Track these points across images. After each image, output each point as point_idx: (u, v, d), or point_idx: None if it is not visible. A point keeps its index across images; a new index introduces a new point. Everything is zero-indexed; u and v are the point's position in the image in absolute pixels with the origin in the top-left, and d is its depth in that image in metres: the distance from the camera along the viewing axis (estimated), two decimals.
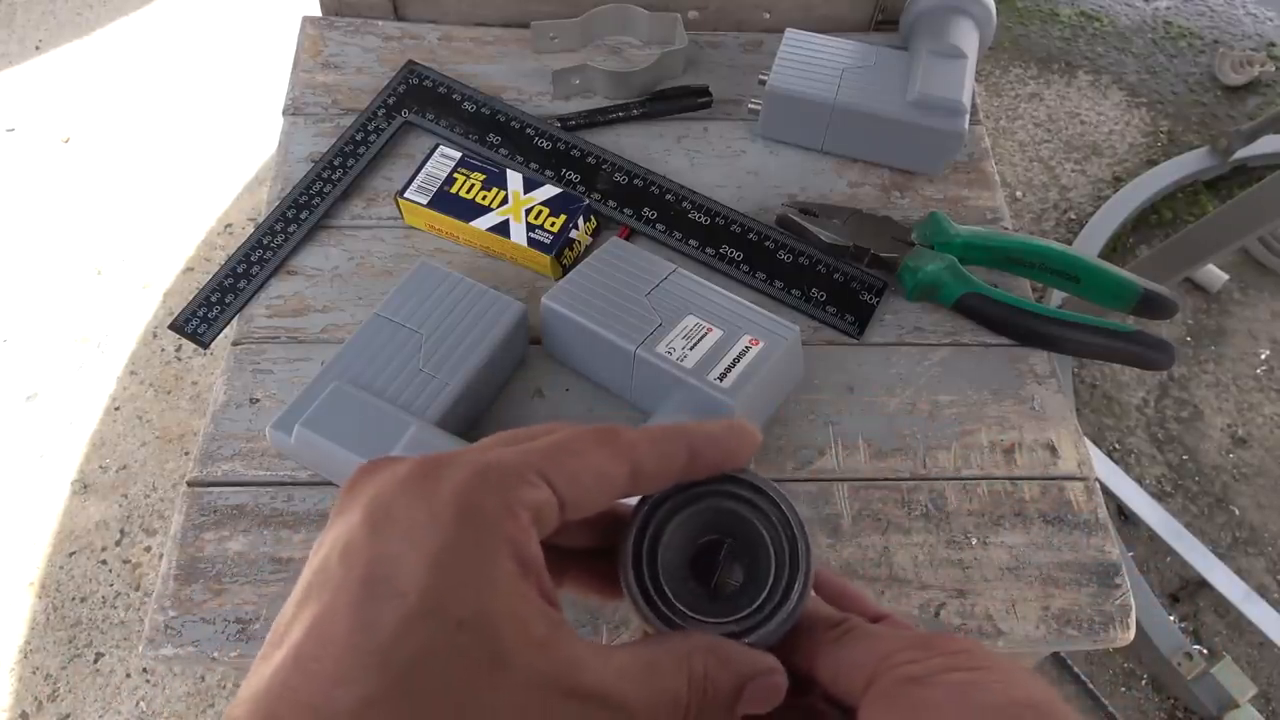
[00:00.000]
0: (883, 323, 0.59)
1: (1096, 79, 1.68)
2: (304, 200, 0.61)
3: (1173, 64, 1.70)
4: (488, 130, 0.64)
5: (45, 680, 1.02)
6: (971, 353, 0.58)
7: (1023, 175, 1.56)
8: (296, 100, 0.67)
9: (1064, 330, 0.56)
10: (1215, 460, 1.28)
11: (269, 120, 1.47)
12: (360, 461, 0.46)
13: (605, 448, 0.21)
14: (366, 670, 0.16)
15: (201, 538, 0.50)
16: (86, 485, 1.16)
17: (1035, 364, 0.57)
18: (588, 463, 0.21)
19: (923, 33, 0.65)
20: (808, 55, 0.64)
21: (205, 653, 0.47)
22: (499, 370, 0.54)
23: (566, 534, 0.23)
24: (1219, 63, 1.69)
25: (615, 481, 0.21)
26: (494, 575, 0.18)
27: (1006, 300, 0.57)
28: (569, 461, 0.21)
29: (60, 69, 1.59)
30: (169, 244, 1.39)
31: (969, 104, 0.61)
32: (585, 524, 0.24)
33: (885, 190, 0.65)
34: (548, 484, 0.20)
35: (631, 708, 0.19)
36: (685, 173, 0.64)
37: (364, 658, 0.16)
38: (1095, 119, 1.63)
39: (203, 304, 0.58)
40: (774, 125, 0.65)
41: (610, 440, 0.21)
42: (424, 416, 0.49)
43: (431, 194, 0.60)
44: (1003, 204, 0.65)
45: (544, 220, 0.59)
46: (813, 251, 0.60)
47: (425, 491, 0.19)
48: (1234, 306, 1.41)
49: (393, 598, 0.17)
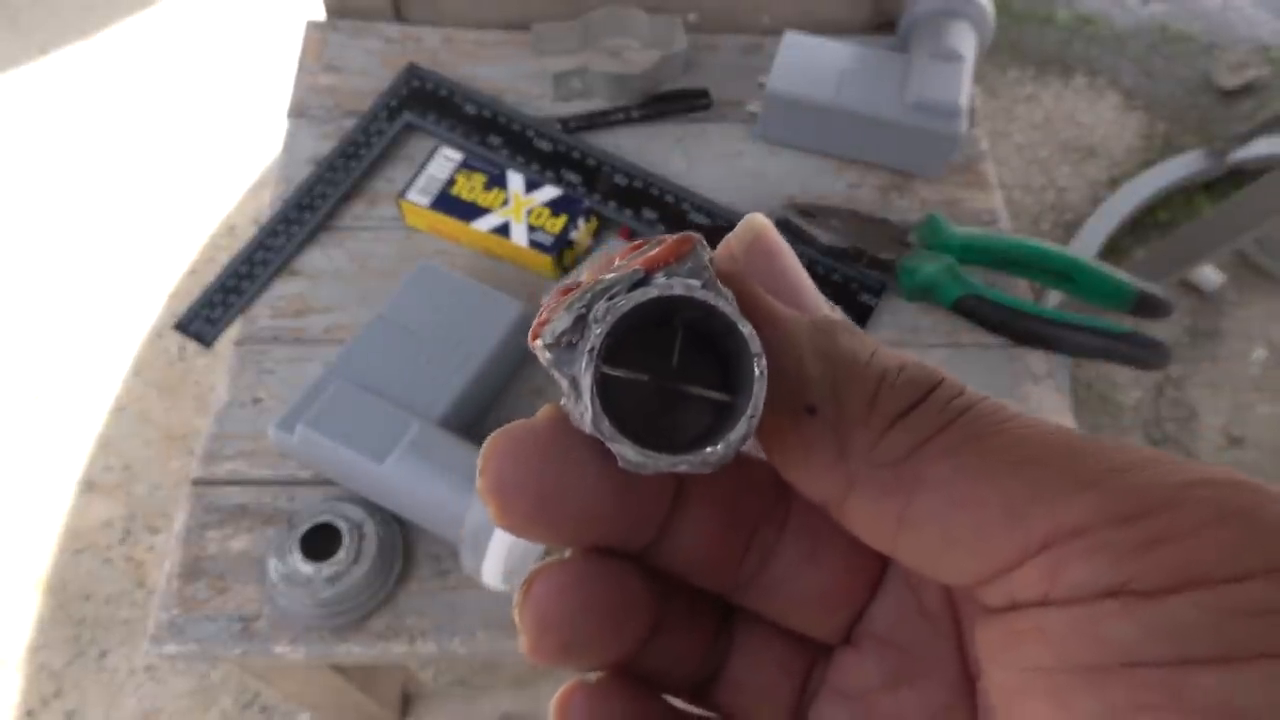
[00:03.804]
0: (881, 323, 0.59)
1: (1093, 81, 1.68)
2: (306, 202, 0.61)
3: (1169, 67, 1.71)
4: (488, 132, 0.64)
5: (50, 678, 1.03)
6: (969, 353, 0.58)
7: (1020, 177, 1.56)
8: (299, 102, 0.67)
9: (1061, 331, 0.57)
10: (1211, 460, 1.28)
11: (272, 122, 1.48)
12: (362, 461, 0.47)
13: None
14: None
15: (205, 536, 0.50)
16: (91, 484, 1.16)
17: (1032, 364, 0.58)
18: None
19: (921, 35, 0.65)
20: (806, 58, 0.65)
21: (209, 650, 0.47)
22: (500, 370, 0.54)
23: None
24: (1215, 66, 1.69)
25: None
26: None
27: (1004, 301, 0.57)
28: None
29: (64, 70, 1.60)
30: (172, 245, 1.40)
31: (966, 106, 0.62)
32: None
33: (883, 192, 0.65)
34: None
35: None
36: (685, 174, 0.65)
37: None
38: (1092, 121, 1.63)
39: (206, 304, 0.59)
40: (773, 127, 0.66)
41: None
42: (426, 416, 0.49)
43: (433, 195, 0.60)
44: (1000, 205, 0.65)
45: (545, 221, 0.59)
46: (811, 252, 0.61)
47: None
48: (1229, 307, 1.42)
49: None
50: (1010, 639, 0.12)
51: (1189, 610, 0.11)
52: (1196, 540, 0.11)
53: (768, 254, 0.15)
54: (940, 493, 0.13)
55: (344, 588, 0.47)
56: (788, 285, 0.15)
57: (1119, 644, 0.11)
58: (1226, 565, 0.11)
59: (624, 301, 0.13)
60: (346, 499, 0.50)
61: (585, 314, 0.14)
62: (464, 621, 0.49)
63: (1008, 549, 0.12)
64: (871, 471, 0.13)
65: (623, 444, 0.13)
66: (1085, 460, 0.12)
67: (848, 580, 0.16)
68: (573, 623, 0.15)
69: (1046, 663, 0.12)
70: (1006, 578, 0.12)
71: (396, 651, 0.48)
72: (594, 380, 0.13)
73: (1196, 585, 0.11)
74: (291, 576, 0.47)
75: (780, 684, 0.17)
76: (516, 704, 1.01)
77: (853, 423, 0.14)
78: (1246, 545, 0.11)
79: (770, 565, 0.16)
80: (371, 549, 0.48)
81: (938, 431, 0.13)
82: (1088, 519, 0.11)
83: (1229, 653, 0.10)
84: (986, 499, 0.12)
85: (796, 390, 0.14)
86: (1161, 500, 0.11)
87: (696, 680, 0.17)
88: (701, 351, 0.15)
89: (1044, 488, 0.12)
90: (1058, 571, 0.12)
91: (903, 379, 0.14)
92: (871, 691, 0.16)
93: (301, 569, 0.47)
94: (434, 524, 0.49)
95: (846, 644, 0.17)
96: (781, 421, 0.14)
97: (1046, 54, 1.73)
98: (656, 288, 0.13)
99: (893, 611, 0.16)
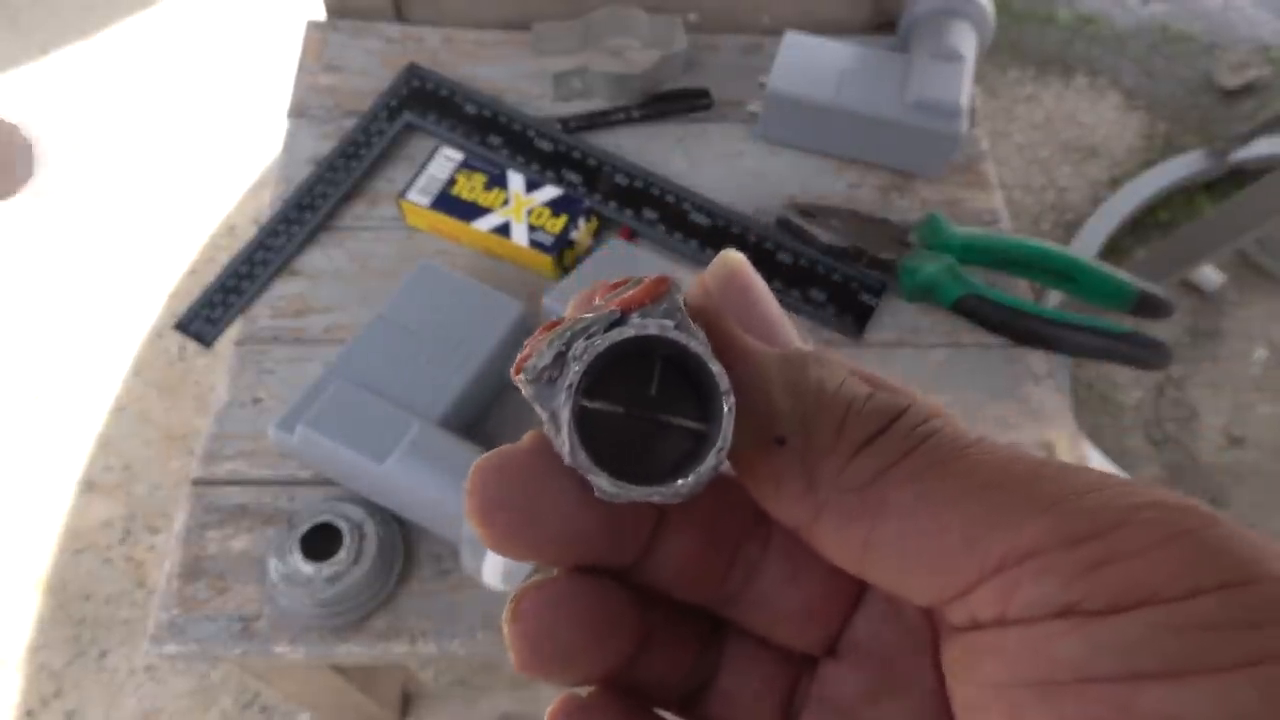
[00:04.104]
0: (881, 323, 0.59)
1: (1094, 81, 1.68)
2: (306, 201, 0.61)
3: (1170, 67, 1.71)
4: (489, 132, 0.64)
5: (50, 678, 1.03)
6: (970, 353, 0.58)
7: (1020, 177, 1.56)
8: (299, 102, 0.67)
9: (1061, 331, 0.57)
10: (1211, 460, 1.28)
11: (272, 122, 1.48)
12: (362, 461, 0.46)
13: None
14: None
15: (205, 536, 0.50)
16: (91, 484, 1.16)
17: (1033, 364, 0.58)
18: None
19: (921, 35, 0.65)
20: (807, 58, 0.65)
21: (209, 650, 0.47)
22: (500, 370, 0.54)
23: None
24: (1216, 66, 1.69)
25: None
26: None
27: (1004, 301, 0.57)
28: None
29: (65, 70, 1.60)
30: (172, 245, 1.40)
31: (967, 106, 0.62)
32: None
33: (884, 192, 0.65)
34: None
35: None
36: (685, 174, 0.65)
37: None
38: (1092, 121, 1.63)
39: (206, 304, 0.59)
40: (773, 127, 0.66)
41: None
42: (426, 416, 0.49)
43: (433, 195, 0.60)
44: (1000, 205, 0.65)
45: (545, 221, 0.59)
46: (812, 252, 0.61)
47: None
48: (1230, 307, 1.42)
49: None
50: (970, 656, 0.13)
51: (1137, 628, 0.11)
52: (1144, 560, 0.11)
53: (741, 290, 0.16)
54: (903, 517, 0.13)
55: (344, 588, 0.47)
56: (760, 319, 0.16)
57: (1070, 661, 0.11)
58: (1173, 584, 0.11)
59: (600, 341, 0.14)
60: (346, 499, 0.50)
61: (565, 351, 0.14)
62: (464, 621, 0.49)
63: (966, 571, 0.13)
64: (838, 497, 0.14)
65: (598, 476, 0.14)
66: (1040, 485, 0.12)
67: (830, 594, 0.17)
68: (559, 638, 0.15)
69: (1003, 679, 0.12)
70: (966, 598, 0.13)
71: (396, 651, 0.48)
72: (571, 415, 0.14)
73: (1144, 603, 0.11)
74: (292, 576, 0.47)
75: (767, 696, 0.17)
76: (516, 704, 1.01)
77: (820, 451, 0.14)
78: (1193, 564, 0.11)
79: (755, 580, 0.17)
80: (371, 549, 0.48)
81: (901, 457, 0.14)
82: (1040, 542, 0.12)
83: (1176, 667, 0.11)
84: (946, 523, 0.13)
85: (766, 422, 0.15)
86: (1111, 522, 0.12)
87: (686, 693, 0.18)
88: (681, 381, 0.15)
89: (1000, 512, 0.12)
90: (1012, 592, 0.12)
91: (869, 407, 0.14)
92: (855, 703, 0.17)
93: (302, 569, 0.47)
94: (434, 524, 0.49)
95: (831, 656, 0.17)
96: (753, 452, 0.15)
97: (1047, 54, 1.73)
98: (632, 327, 0.14)
99: (874, 624, 0.17)
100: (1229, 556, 0.11)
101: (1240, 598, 0.11)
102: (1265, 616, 0.11)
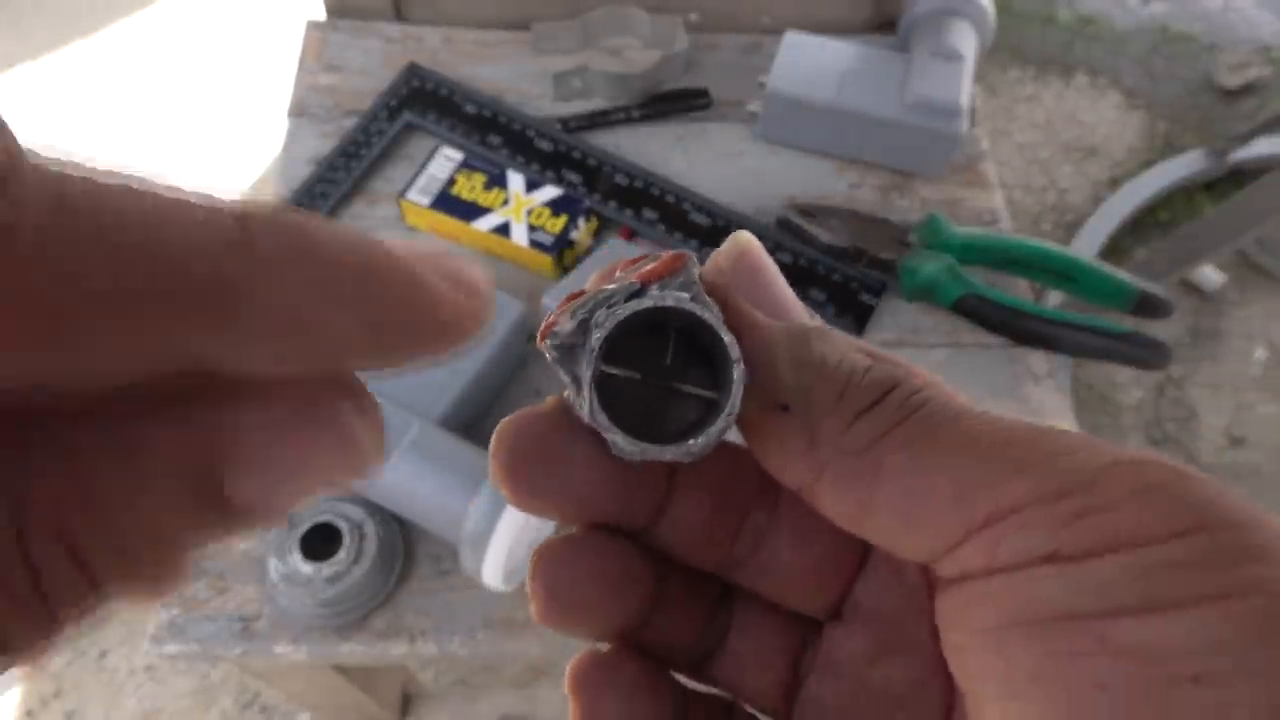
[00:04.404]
0: (881, 323, 0.59)
1: (1094, 81, 1.68)
2: (306, 201, 0.61)
3: (1170, 67, 1.71)
4: (489, 132, 0.64)
5: (50, 678, 1.03)
6: (970, 353, 0.58)
7: (1020, 177, 1.56)
8: (299, 102, 0.67)
9: (1061, 331, 0.57)
10: (1212, 460, 1.28)
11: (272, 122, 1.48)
12: None
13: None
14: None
15: None
16: None
17: (1033, 364, 0.58)
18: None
19: (921, 35, 0.65)
20: (807, 57, 0.65)
21: (209, 650, 0.47)
22: (500, 370, 0.54)
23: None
24: (1216, 66, 1.69)
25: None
26: None
27: (1004, 301, 0.57)
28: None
29: (64, 70, 1.60)
30: None
31: (967, 106, 0.62)
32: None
33: (884, 191, 0.65)
34: None
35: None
36: (685, 174, 0.65)
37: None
38: (1093, 121, 1.63)
39: None
40: (773, 127, 0.66)
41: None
42: (426, 416, 0.49)
43: (433, 195, 0.60)
44: (1000, 205, 0.65)
45: (545, 221, 0.59)
46: (812, 252, 0.61)
47: None
48: (1230, 307, 1.42)
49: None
50: (961, 605, 0.14)
51: (1113, 569, 0.12)
52: (1118, 511, 0.12)
53: (752, 269, 0.17)
54: (897, 479, 0.14)
55: (344, 588, 0.47)
56: (770, 297, 0.17)
57: (1052, 601, 0.12)
58: (1145, 530, 0.12)
59: (621, 310, 0.15)
60: (346, 499, 0.50)
61: (588, 319, 0.15)
62: (464, 621, 0.48)
63: (956, 527, 0.14)
64: (838, 460, 0.15)
65: (615, 434, 0.15)
66: (1024, 447, 0.14)
67: (834, 558, 0.18)
68: (577, 589, 0.17)
69: (990, 622, 0.13)
70: (956, 552, 0.14)
71: (396, 651, 0.48)
72: (593, 377, 0.15)
73: (1118, 549, 0.12)
74: (292, 576, 0.47)
75: (775, 658, 0.18)
76: (516, 704, 1.01)
77: (821, 417, 0.15)
78: (1162, 513, 0.12)
79: (762, 546, 0.18)
80: (371, 549, 0.48)
81: (896, 425, 0.15)
82: (1023, 498, 0.13)
83: (1148, 603, 0.12)
84: (937, 484, 0.14)
85: (772, 391, 0.16)
86: (1088, 479, 0.13)
87: (697, 655, 0.19)
88: (694, 353, 0.17)
89: (986, 473, 0.14)
90: (998, 544, 0.13)
91: (868, 379, 0.15)
92: (860, 663, 0.18)
93: (302, 569, 0.47)
94: (434, 524, 0.49)
95: (837, 619, 0.18)
96: (760, 416, 0.16)
97: (1048, 54, 1.73)
98: (650, 299, 0.15)
99: (877, 587, 0.18)
100: (1194, 505, 0.12)
101: (1204, 540, 0.12)
102: (1226, 557, 0.12)
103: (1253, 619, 0.11)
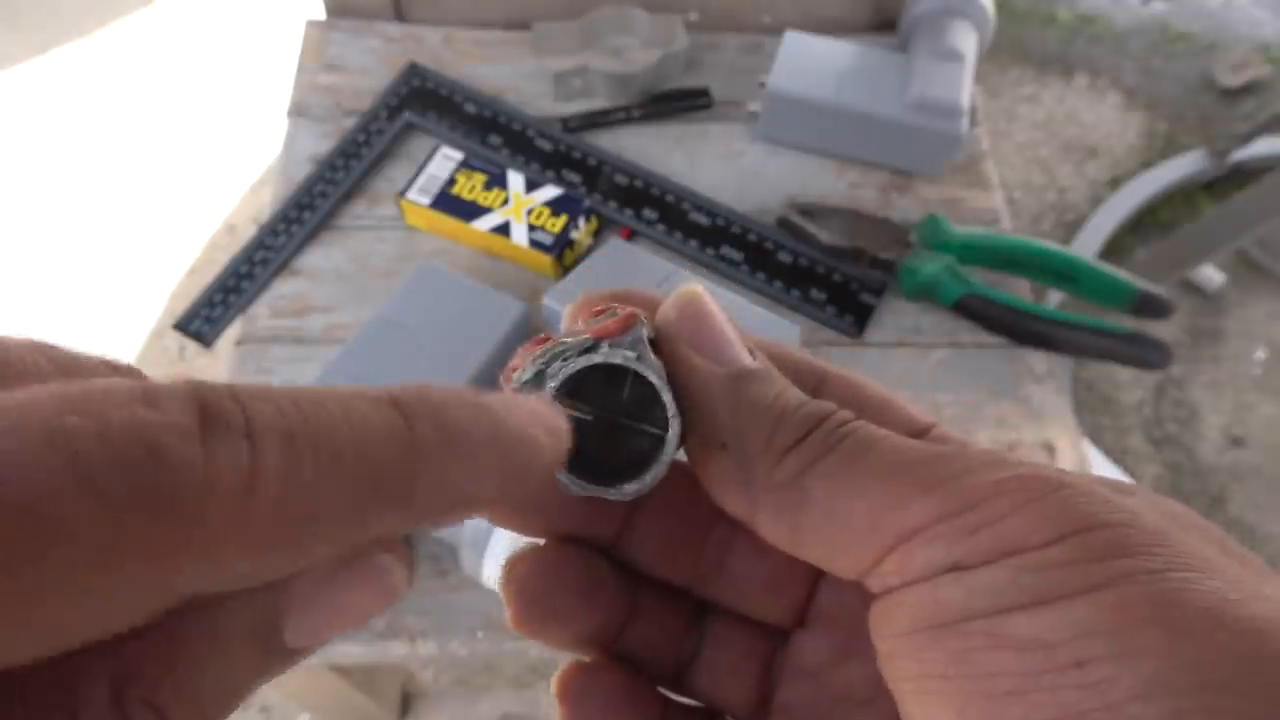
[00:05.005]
0: (882, 323, 0.59)
1: (1094, 81, 1.68)
2: (306, 201, 0.61)
3: (1170, 66, 1.71)
4: (489, 131, 0.64)
5: None
6: (970, 353, 0.58)
7: (1021, 177, 1.56)
8: (299, 102, 0.67)
9: (1062, 331, 0.57)
10: (1212, 460, 1.28)
11: (272, 122, 1.48)
12: None
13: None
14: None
15: None
16: None
17: (1033, 364, 0.58)
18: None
19: (921, 35, 0.65)
20: (807, 57, 0.65)
21: None
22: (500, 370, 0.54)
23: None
24: (1216, 65, 1.69)
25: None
26: None
27: (1005, 301, 0.57)
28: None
29: (64, 70, 1.60)
30: (172, 245, 1.40)
31: (967, 106, 0.62)
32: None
33: (884, 191, 0.65)
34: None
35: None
36: (685, 174, 0.65)
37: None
38: (1093, 121, 1.63)
39: (206, 304, 0.59)
40: (773, 127, 0.66)
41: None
42: None
43: (433, 195, 0.60)
44: (1001, 205, 0.65)
45: (545, 221, 0.59)
46: (812, 252, 0.61)
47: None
48: (1231, 307, 1.42)
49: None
50: (884, 615, 0.16)
51: (1005, 572, 0.14)
52: (1008, 522, 0.14)
53: (695, 317, 0.18)
54: (821, 507, 0.16)
55: None
56: (713, 343, 0.18)
57: (954, 605, 0.14)
58: (1030, 537, 0.14)
59: (573, 364, 0.17)
60: None
61: (544, 369, 0.17)
62: (464, 621, 0.48)
63: (873, 547, 0.15)
64: (768, 494, 0.16)
65: (561, 474, 0.17)
66: (929, 470, 0.15)
67: (792, 569, 0.19)
68: (549, 595, 0.18)
69: (906, 628, 0.15)
70: (877, 569, 0.15)
71: (396, 652, 0.48)
72: None
73: (1008, 554, 0.14)
74: None
75: (748, 667, 0.20)
76: (516, 704, 1.01)
77: (753, 455, 0.17)
78: (1047, 520, 0.14)
79: (726, 559, 0.19)
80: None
81: (820, 457, 0.16)
82: (928, 517, 0.15)
83: (1034, 599, 0.13)
84: (854, 509, 0.15)
85: (712, 432, 0.17)
86: (982, 496, 0.14)
87: (676, 668, 0.20)
88: (648, 389, 0.18)
89: (895, 497, 0.15)
90: (909, 560, 0.15)
91: (799, 415, 0.17)
92: (824, 667, 0.19)
93: None
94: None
95: (802, 627, 0.20)
96: (704, 455, 0.17)
97: (1048, 53, 1.73)
98: (601, 355, 0.17)
99: (834, 594, 0.19)
100: (1075, 512, 0.14)
101: (1081, 541, 0.13)
102: (1099, 554, 0.13)
103: (1123, 607, 0.13)
